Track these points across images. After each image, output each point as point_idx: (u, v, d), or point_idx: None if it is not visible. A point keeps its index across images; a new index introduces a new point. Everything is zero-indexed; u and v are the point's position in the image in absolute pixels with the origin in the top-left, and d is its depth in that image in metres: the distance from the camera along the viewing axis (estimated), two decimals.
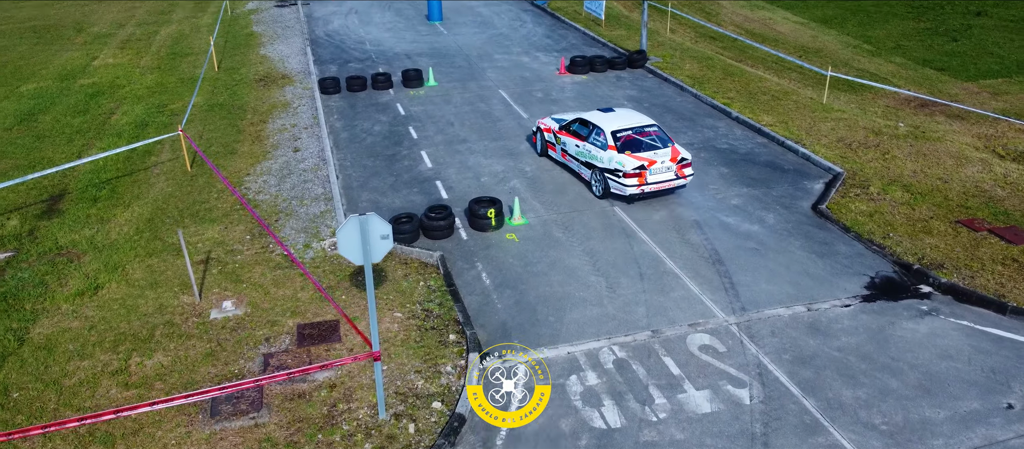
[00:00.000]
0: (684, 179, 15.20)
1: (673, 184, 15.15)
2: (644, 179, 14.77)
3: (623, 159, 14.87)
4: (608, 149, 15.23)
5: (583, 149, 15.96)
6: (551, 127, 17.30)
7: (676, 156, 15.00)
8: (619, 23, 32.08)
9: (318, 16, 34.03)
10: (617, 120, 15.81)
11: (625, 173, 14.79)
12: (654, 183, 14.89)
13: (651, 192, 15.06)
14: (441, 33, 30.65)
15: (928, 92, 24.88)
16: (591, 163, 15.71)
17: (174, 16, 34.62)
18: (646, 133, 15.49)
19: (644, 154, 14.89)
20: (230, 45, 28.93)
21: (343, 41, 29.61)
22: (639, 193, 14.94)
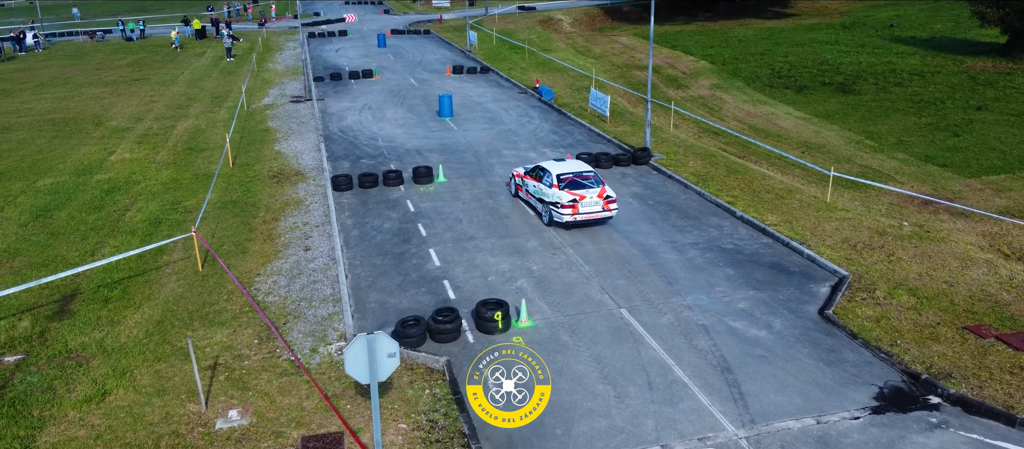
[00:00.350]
0: (609, 211, 19.57)
1: (600, 215, 19.52)
2: (577, 209, 19.25)
3: (562, 194, 19.33)
4: (553, 187, 19.71)
5: (537, 188, 20.49)
6: (520, 172, 21.98)
7: (602, 194, 19.47)
8: (623, 119, 32.80)
9: (333, 112, 34.96)
10: (563, 167, 20.36)
11: (562, 204, 19.27)
12: (585, 213, 19.28)
13: (583, 220, 19.38)
14: (451, 129, 31.38)
15: (931, 189, 25.14)
16: (542, 198, 20.21)
17: (191, 111, 35.62)
18: (584, 177, 19.90)
19: (578, 191, 19.34)
20: (245, 141, 29.66)
21: (356, 137, 30.33)
22: (573, 220, 19.31)
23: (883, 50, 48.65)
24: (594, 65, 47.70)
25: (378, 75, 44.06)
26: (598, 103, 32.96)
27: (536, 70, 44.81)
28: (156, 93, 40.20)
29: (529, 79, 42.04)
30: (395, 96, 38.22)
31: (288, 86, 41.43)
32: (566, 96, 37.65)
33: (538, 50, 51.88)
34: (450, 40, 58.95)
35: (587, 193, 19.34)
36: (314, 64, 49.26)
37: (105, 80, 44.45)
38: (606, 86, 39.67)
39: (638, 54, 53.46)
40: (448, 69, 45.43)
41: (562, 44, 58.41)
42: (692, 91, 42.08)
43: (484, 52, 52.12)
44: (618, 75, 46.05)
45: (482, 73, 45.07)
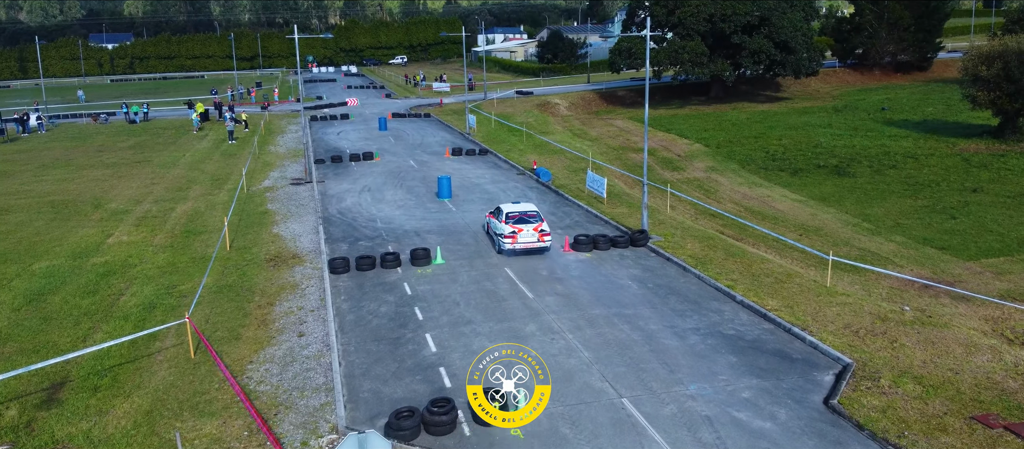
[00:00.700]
0: (544, 242, 24.40)
1: (536, 245, 24.40)
2: (515, 239, 24.18)
3: (505, 227, 24.42)
4: (502, 223, 24.81)
5: (495, 224, 25.75)
6: (488, 213, 27.34)
7: (537, 229, 24.33)
8: (620, 201, 32.97)
9: (332, 194, 35.15)
10: (512, 208, 25.58)
11: (505, 236, 24.30)
12: (523, 243, 24.26)
13: (522, 249, 24.34)
14: (450, 210, 31.49)
15: (931, 273, 25.06)
16: (496, 232, 25.31)
17: (191, 193, 35.80)
18: (527, 216, 24.92)
19: (519, 226, 24.36)
20: (244, 223, 29.69)
21: (355, 219, 30.40)
22: (512, 248, 24.25)
23: (876, 133, 49.41)
24: (591, 147, 48.30)
25: (378, 157, 44.54)
26: (595, 185, 33.20)
27: (534, 152, 45.33)
28: (157, 175, 40.50)
29: (527, 161, 42.46)
30: (395, 178, 38.52)
31: (289, 168, 41.80)
32: (563, 177, 37.96)
33: (536, 132, 52.64)
34: (450, 123, 59.89)
35: (525, 228, 24.29)
36: (315, 147, 49.84)
37: (106, 162, 44.87)
38: (603, 168, 40.06)
39: (633, 137, 54.23)
40: (447, 151, 45.95)
41: (559, 127, 59.32)
42: (688, 173, 42.48)
43: (483, 135, 52.87)
44: (614, 157, 46.56)
45: (481, 155, 45.58)
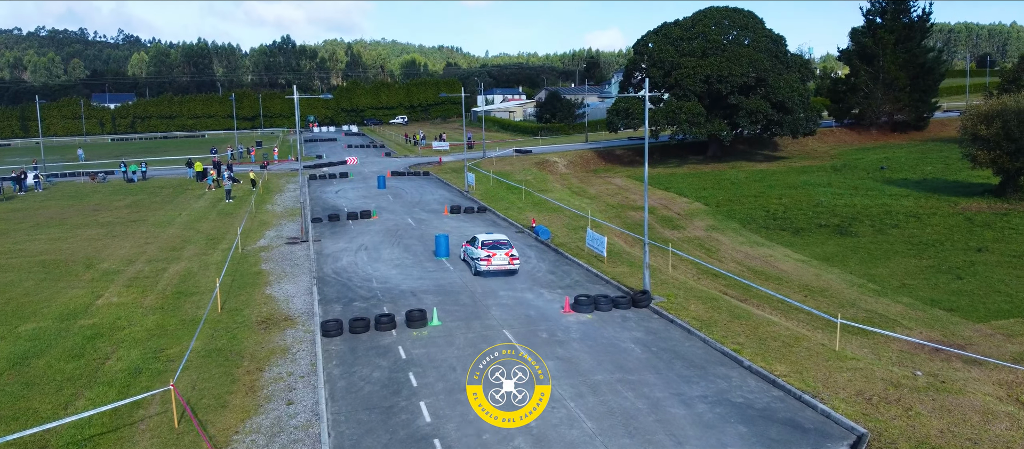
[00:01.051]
0: (513, 265, 29.46)
1: (507, 267, 29.33)
2: (490, 262, 29.10)
3: (481, 253, 29.36)
4: (478, 249, 29.75)
5: (471, 251, 30.65)
6: (465, 243, 32.10)
7: (508, 254, 29.34)
8: (621, 259, 32.45)
9: (328, 253, 34.64)
10: (486, 236, 30.61)
11: (481, 259, 29.15)
12: (496, 265, 29.14)
13: (494, 270, 29.29)
14: (447, 269, 30.94)
15: (941, 335, 24.40)
16: (473, 257, 30.20)
17: (185, 253, 35.28)
18: (499, 243, 29.90)
19: (492, 250, 29.28)
20: (237, 284, 29.09)
21: (350, 279, 29.81)
22: (488, 268, 29.15)
23: (876, 192, 49.20)
24: (590, 205, 48.02)
25: (376, 216, 44.17)
26: (595, 243, 32.72)
27: (533, 210, 45.01)
28: (151, 235, 40.03)
29: (526, 219, 42.09)
30: (392, 236, 38.07)
31: (285, 227, 41.37)
32: (563, 236, 37.53)
33: (534, 190, 52.46)
34: (449, 181, 59.77)
35: (498, 253, 29.34)
36: (313, 205, 49.54)
37: (101, 221, 44.45)
38: (602, 226, 39.65)
39: (632, 195, 54.03)
40: (445, 209, 45.63)
41: (558, 185, 59.21)
42: (688, 232, 42.07)
43: (481, 193, 52.66)
44: (613, 215, 46.23)
45: (479, 213, 45.23)
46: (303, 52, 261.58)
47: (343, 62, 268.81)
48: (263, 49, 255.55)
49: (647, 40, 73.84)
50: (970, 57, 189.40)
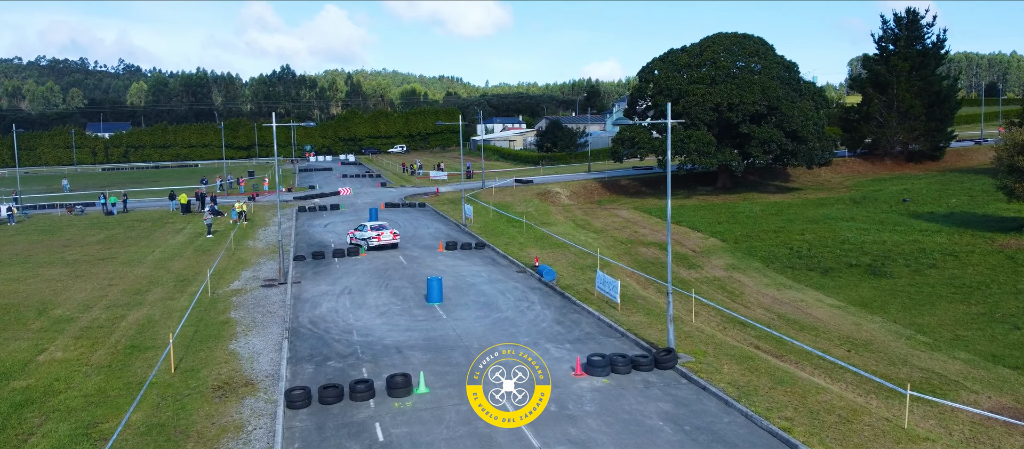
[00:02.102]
0: (395, 238, 41.51)
1: (390, 242, 41.28)
2: (380, 238, 40.87)
3: (370, 234, 41.15)
4: (368, 231, 41.43)
5: (361, 234, 41.73)
6: (351, 232, 43.50)
7: (393, 233, 41.64)
8: (635, 306, 28.93)
9: (307, 297, 31.14)
10: (374, 223, 42.69)
11: (371, 238, 40.94)
12: (383, 242, 40.90)
13: (379, 245, 40.91)
14: (440, 318, 27.41)
15: (1012, 401, 20.89)
16: (364, 238, 41.48)
17: (149, 297, 31.76)
18: (383, 227, 41.99)
19: (379, 232, 41.34)
20: (198, 336, 25.55)
21: (328, 330, 26.26)
22: (377, 244, 40.87)
23: (904, 227, 45.74)
24: (596, 240, 44.61)
25: (364, 253, 40.73)
26: (606, 287, 29.22)
27: (535, 245, 41.60)
28: (117, 275, 36.53)
29: (528, 256, 38.66)
30: (380, 277, 34.58)
31: (264, 267, 37.89)
32: (569, 276, 34.04)
33: (536, 223, 49.09)
34: (445, 213, 56.42)
35: (384, 232, 41.30)
36: (298, 241, 46.13)
37: (68, 259, 40.96)
38: (612, 266, 36.22)
39: (640, 228, 50.62)
40: (441, 245, 42.21)
41: (561, 217, 55.85)
42: (706, 272, 38.59)
43: (480, 226, 49.27)
44: (622, 251, 42.80)
45: (477, 249, 41.80)
46: (303, 81, 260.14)
47: (343, 91, 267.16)
48: (262, 79, 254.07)
49: (652, 68, 70.94)
50: (972, 87, 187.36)
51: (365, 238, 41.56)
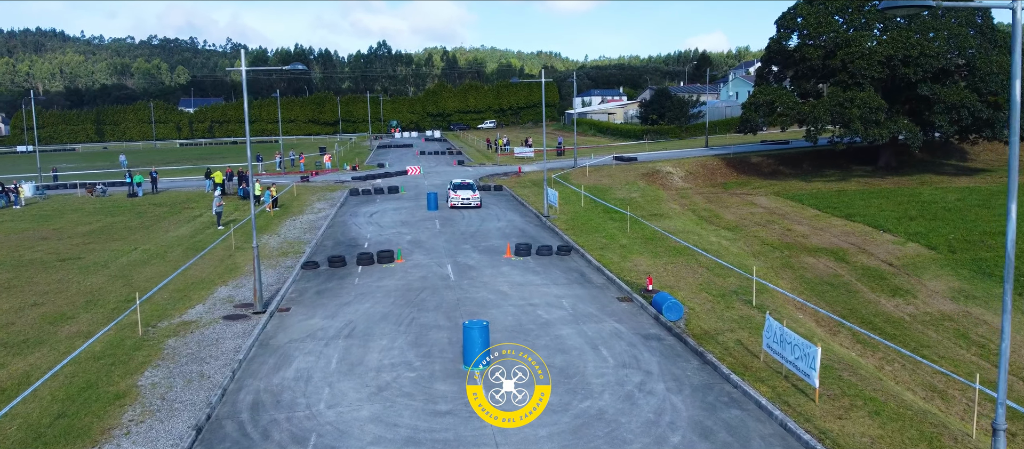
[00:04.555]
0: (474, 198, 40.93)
1: (470, 205, 40.93)
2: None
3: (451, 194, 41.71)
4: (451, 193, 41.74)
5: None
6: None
7: (474, 195, 41.46)
8: (843, 387, 15.47)
9: (279, 344, 19.43)
10: (458, 180, 44.64)
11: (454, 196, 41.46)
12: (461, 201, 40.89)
13: (460, 205, 40.43)
14: (467, 414, 14.91)
15: None
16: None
17: (62, 330, 20.94)
18: (465, 184, 42.76)
19: (459, 192, 41.39)
20: (55, 428, 14.13)
21: (268, 432, 14.32)
22: (458, 204, 40.93)
23: None
24: (732, 242, 31.11)
25: (401, 258, 28.84)
26: (783, 348, 15.95)
27: (643, 250, 28.58)
28: (58, 287, 26.10)
29: (635, 269, 25.81)
30: (408, 306, 22.50)
31: (264, 277, 26.56)
32: (704, 311, 20.96)
33: (644, 216, 35.90)
34: (525, 198, 43.95)
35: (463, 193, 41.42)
36: (327, 236, 34.83)
37: (22, 259, 31.09)
38: (774, 296, 22.74)
39: (794, 224, 36.49)
40: (508, 249, 29.75)
41: (676, 205, 42.33)
42: (921, 301, 24.49)
43: (567, 218, 36.52)
44: (779, 263, 29.12)
45: (560, 255, 29.17)
46: (399, 58, 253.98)
47: (439, 68, 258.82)
48: (360, 56, 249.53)
49: (795, 13, 55.45)
50: None
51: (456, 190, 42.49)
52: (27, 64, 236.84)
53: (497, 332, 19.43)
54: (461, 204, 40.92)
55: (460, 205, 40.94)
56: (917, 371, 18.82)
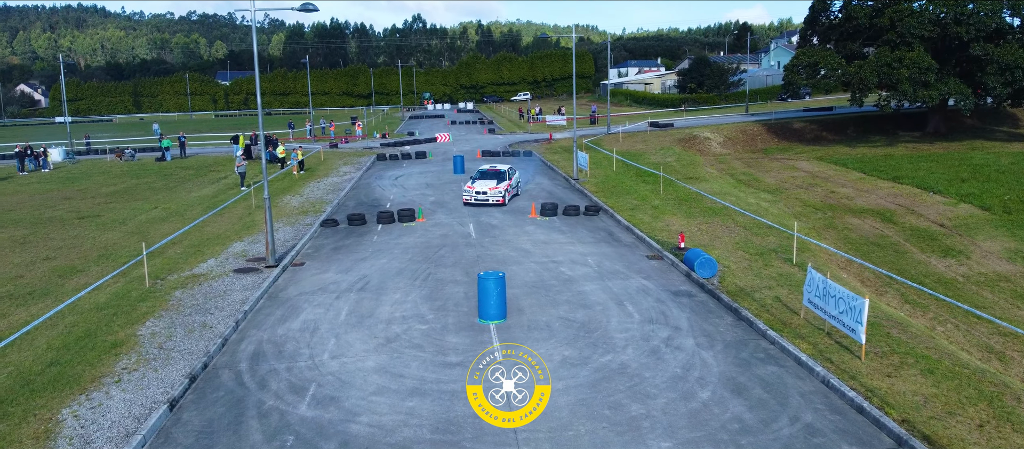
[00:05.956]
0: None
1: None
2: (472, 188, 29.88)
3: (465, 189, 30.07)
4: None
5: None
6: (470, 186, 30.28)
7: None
8: (891, 345, 14.04)
9: (289, 296, 18.60)
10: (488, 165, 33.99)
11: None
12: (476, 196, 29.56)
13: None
14: (492, 359, 13.86)
15: None
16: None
17: (73, 282, 20.40)
18: (494, 171, 30.99)
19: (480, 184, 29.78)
20: (47, 375, 13.48)
21: (266, 382, 13.47)
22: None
23: None
24: (774, 205, 29.50)
25: (422, 218, 27.84)
26: (827, 303, 14.54)
27: (677, 212, 27.15)
28: (76, 241, 25.67)
29: (667, 229, 24.42)
30: (424, 262, 21.49)
31: (281, 233, 25.90)
32: (740, 269, 19.56)
33: (678, 178, 34.33)
34: (554, 164, 42.61)
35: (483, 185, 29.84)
36: (350, 197, 34.02)
37: (43, 216, 30.83)
38: (814, 251, 21.26)
39: (837, 186, 34.64)
40: (533, 209, 28.54)
41: (713, 170, 40.62)
42: (975, 263, 22.74)
43: (598, 181, 35.15)
44: (821, 224, 27.46)
45: (588, 216, 27.89)
46: (433, 32, 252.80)
47: (474, 40, 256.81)
48: (395, 30, 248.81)
49: None
50: None
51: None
52: (69, 39, 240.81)
53: (517, 288, 18.35)
54: (476, 201, 29.59)
55: (474, 201, 29.63)
56: (971, 332, 17.26)
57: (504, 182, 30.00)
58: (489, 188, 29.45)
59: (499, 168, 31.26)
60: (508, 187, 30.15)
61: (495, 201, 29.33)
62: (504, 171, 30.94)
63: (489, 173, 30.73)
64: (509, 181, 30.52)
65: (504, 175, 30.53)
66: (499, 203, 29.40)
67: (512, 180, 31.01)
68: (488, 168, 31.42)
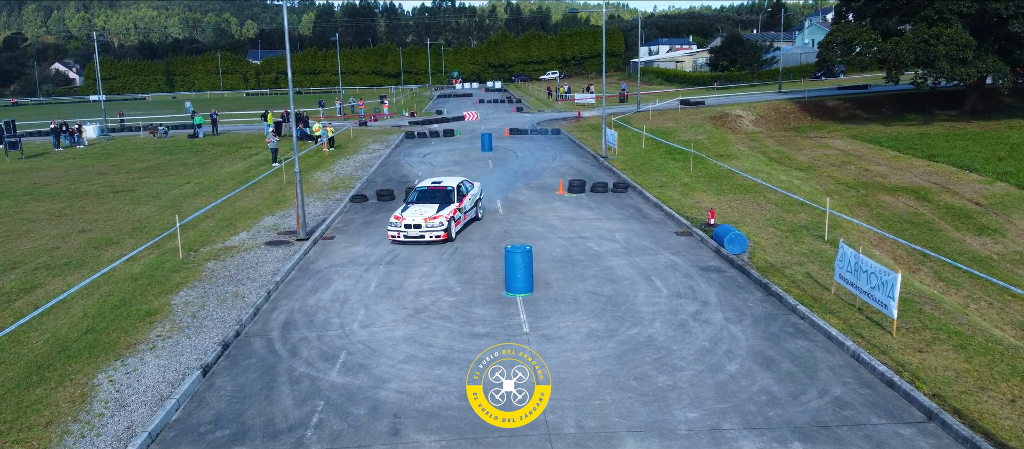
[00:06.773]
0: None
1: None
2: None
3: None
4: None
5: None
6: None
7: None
8: (924, 320, 13.84)
9: (319, 268, 18.85)
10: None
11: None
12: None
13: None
14: (516, 334, 13.95)
15: None
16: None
17: (108, 253, 20.86)
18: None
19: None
20: (86, 340, 13.89)
21: (297, 349, 13.71)
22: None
23: None
24: (806, 182, 29.13)
25: None
26: (858, 277, 14.36)
27: (707, 189, 26.91)
28: (111, 214, 26.23)
29: (697, 207, 24.23)
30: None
31: (312, 207, 26.20)
32: (770, 245, 19.37)
33: (709, 155, 33.99)
34: (583, 141, 42.42)
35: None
36: (379, 173, 34.23)
37: (78, 191, 31.49)
38: (848, 228, 20.98)
39: (872, 165, 34.07)
40: (561, 185, 28.47)
41: (745, 148, 40.15)
42: (1011, 241, 22.28)
43: (626, 159, 34.94)
44: (854, 201, 27.07)
45: (616, 192, 27.75)
46: (462, 10, 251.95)
47: (503, 19, 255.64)
48: (424, 8, 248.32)
49: None
50: None
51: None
52: (102, 19, 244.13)
53: (543, 263, 18.37)
54: (405, 238, 20.19)
55: (403, 239, 20.23)
56: (1006, 309, 16.96)
57: (449, 207, 20.63)
58: (424, 218, 19.97)
59: (446, 185, 21.78)
60: (456, 213, 20.73)
61: (435, 237, 19.98)
62: (452, 189, 21.47)
63: (430, 193, 21.45)
64: (459, 203, 21.08)
65: (451, 195, 21.18)
66: (440, 239, 20.10)
67: (466, 199, 21.74)
68: (430, 185, 22.13)
